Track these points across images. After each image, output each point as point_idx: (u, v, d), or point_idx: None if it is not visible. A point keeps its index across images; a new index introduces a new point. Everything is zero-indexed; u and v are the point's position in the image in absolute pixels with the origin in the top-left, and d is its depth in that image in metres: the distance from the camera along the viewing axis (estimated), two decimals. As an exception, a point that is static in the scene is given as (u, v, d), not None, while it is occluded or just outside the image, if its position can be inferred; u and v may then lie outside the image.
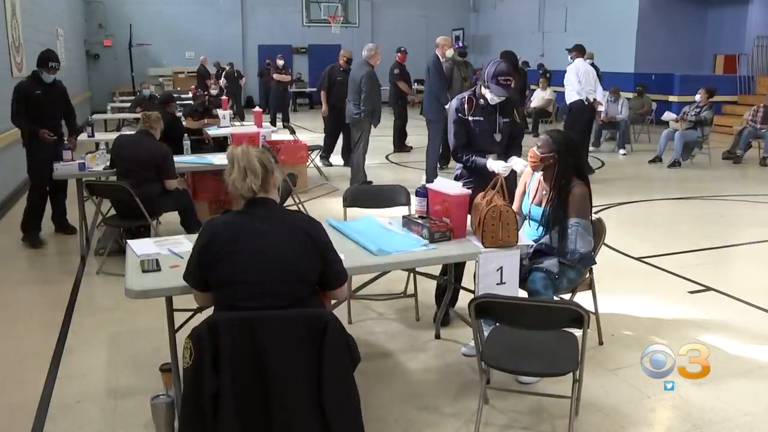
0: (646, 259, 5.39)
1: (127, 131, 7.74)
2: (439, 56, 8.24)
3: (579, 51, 9.05)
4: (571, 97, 8.75)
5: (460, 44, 9.84)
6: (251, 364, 2.14)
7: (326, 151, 9.93)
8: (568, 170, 3.45)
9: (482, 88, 3.82)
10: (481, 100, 3.83)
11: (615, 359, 3.60)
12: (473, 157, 3.82)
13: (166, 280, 2.67)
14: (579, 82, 8.69)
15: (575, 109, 8.72)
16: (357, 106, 7.88)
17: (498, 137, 3.87)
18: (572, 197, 3.43)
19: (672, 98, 14.38)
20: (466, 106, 3.84)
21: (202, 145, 7.75)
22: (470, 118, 3.82)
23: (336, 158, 10.00)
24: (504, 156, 3.86)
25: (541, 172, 3.57)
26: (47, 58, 5.63)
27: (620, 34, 15.38)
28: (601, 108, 9.58)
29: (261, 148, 2.41)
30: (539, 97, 13.98)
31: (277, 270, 2.26)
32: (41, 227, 5.87)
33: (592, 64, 12.54)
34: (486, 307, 2.63)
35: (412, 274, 4.18)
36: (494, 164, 3.71)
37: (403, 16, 21.14)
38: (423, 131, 9.22)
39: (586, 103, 8.74)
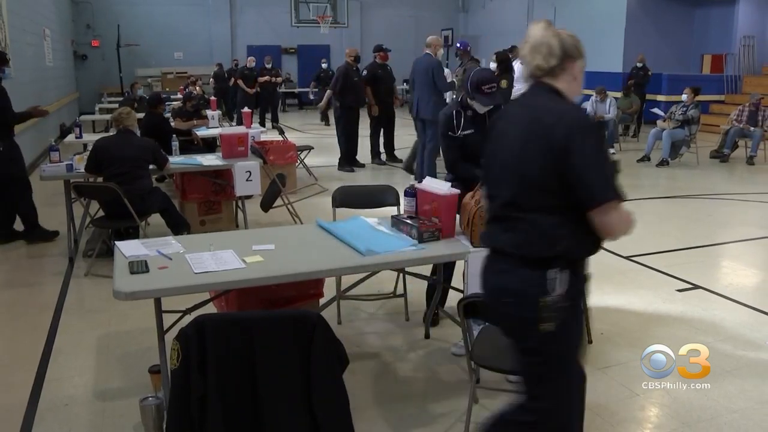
0: (634, 258, 5.42)
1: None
2: (432, 55, 8.18)
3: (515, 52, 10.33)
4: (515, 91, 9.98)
5: (458, 44, 9.80)
6: (239, 366, 2.14)
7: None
8: None
9: (468, 99, 3.72)
10: (469, 111, 3.74)
11: (604, 357, 3.62)
12: (473, 171, 3.64)
13: (155, 282, 2.66)
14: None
15: None
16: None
17: None
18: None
19: (660, 98, 14.47)
20: (455, 122, 3.73)
21: (191, 146, 7.75)
22: (461, 134, 3.73)
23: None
24: None
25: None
26: (3, 54, 5.62)
27: (608, 33, 15.45)
28: None
29: (570, 34, 2.09)
30: None
31: (502, 172, 2.09)
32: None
33: (643, 67, 12.79)
34: (475, 307, 2.64)
35: (401, 275, 4.18)
36: None
37: (392, 17, 21.17)
38: (411, 131, 9.23)
39: None
